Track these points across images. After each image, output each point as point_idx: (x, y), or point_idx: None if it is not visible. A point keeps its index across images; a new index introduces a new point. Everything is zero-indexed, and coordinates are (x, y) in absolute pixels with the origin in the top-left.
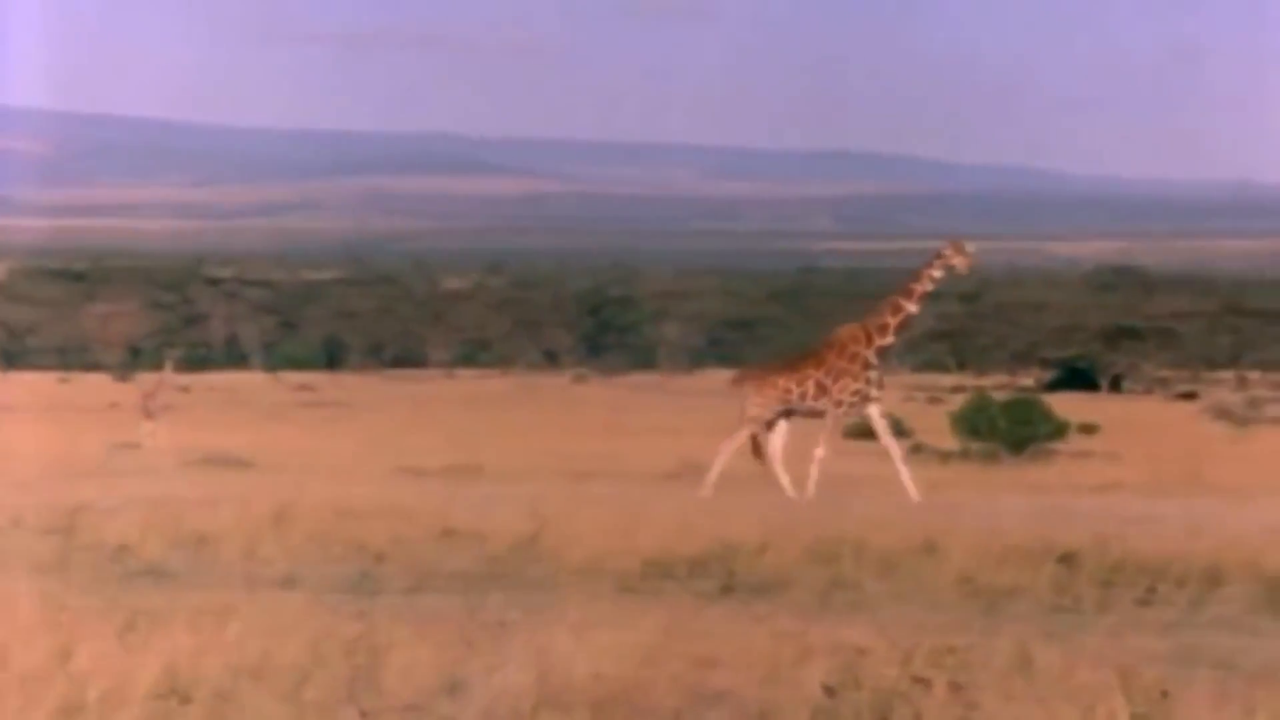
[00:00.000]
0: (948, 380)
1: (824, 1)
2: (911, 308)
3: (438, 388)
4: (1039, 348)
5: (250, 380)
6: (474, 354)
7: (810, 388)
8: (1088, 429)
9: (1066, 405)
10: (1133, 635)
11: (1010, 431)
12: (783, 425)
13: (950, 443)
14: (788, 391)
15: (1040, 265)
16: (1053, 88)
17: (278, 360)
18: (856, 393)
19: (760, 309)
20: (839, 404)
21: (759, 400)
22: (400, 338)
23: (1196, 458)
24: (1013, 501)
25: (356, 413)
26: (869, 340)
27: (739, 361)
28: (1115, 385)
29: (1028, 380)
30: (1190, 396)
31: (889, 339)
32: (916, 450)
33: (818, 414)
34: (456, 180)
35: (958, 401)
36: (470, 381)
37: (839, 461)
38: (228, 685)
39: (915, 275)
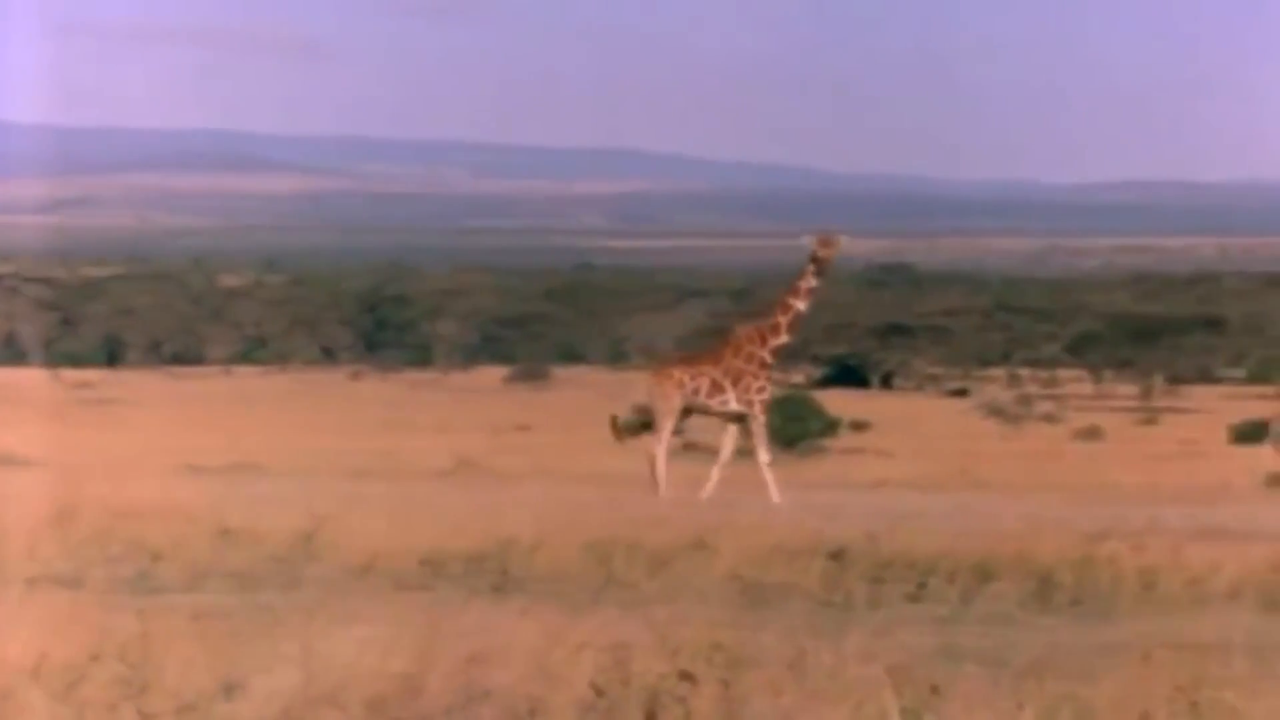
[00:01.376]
0: None
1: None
2: (800, 305)
3: (216, 385)
4: (810, 345)
5: (29, 377)
6: (252, 351)
7: (704, 384)
8: (859, 426)
9: (838, 402)
10: (903, 631)
11: (782, 428)
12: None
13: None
14: (682, 385)
15: None
16: (819, 84)
17: (57, 357)
18: (762, 389)
19: (535, 306)
20: (751, 404)
21: (660, 393)
22: (179, 335)
23: (967, 454)
24: (784, 498)
25: (136, 410)
26: (763, 340)
27: (513, 359)
28: (886, 382)
29: (799, 377)
30: (961, 394)
31: (783, 338)
32: (689, 449)
33: (708, 413)
34: (235, 177)
35: None
36: (248, 378)
37: (625, 460)
38: (5, 684)
39: (800, 273)
